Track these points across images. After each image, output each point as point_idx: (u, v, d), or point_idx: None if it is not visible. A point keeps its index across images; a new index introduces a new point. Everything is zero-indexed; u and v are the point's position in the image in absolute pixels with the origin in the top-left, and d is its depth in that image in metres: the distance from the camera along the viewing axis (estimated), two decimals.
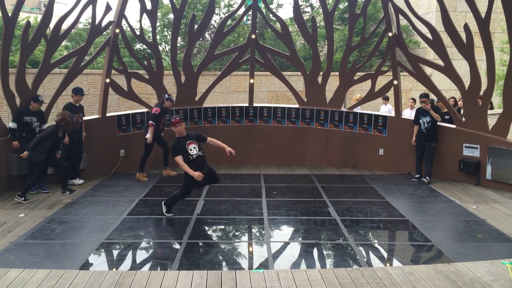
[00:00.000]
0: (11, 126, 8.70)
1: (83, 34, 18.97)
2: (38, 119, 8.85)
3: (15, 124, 8.65)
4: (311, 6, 23.70)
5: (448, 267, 5.42)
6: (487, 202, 8.44)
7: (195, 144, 7.21)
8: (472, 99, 9.90)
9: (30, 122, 8.75)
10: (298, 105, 11.80)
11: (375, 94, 11.52)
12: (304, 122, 11.67)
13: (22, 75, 9.02)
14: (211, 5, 11.48)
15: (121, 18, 10.44)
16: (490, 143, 9.43)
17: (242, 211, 7.98)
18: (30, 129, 8.73)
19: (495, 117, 10.43)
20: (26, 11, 25.84)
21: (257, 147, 11.83)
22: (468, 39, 9.70)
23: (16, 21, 8.90)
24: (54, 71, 10.88)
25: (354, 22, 11.54)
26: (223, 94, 16.66)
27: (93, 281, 4.99)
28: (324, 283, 5.00)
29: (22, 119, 8.68)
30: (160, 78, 11.16)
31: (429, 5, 19.01)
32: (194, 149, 7.16)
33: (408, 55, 10.99)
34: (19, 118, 8.67)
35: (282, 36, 11.91)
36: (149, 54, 14.87)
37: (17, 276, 5.07)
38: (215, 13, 20.97)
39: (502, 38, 16.39)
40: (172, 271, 5.35)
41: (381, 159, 11.08)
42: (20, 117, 8.68)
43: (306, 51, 19.56)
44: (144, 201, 8.40)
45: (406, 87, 17.93)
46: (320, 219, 7.70)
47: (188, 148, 7.13)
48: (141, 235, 6.84)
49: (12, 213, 7.48)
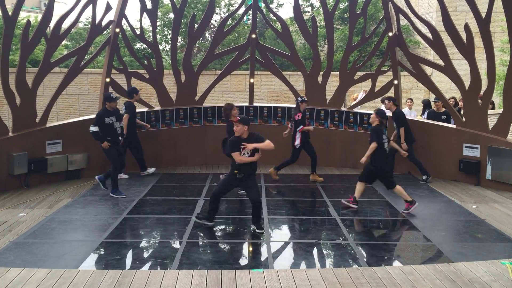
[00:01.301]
0: (93, 129, 8.39)
1: (83, 33, 18.95)
2: (117, 118, 8.59)
3: (96, 127, 8.38)
4: (311, 6, 23.70)
5: (448, 267, 5.42)
6: (487, 202, 8.44)
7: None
8: (472, 99, 9.89)
9: (111, 123, 8.47)
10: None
11: (375, 94, 11.52)
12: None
13: (22, 74, 9.03)
14: (211, 4, 11.48)
15: (121, 17, 10.44)
16: (490, 143, 9.42)
17: (242, 210, 7.98)
18: (113, 130, 8.48)
19: (495, 117, 10.42)
20: (26, 11, 25.80)
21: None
22: (468, 39, 9.69)
23: (16, 20, 8.90)
24: (54, 70, 10.88)
25: (354, 21, 11.54)
26: (223, 93, 16.64)
27: (93, 281, 4.99)
28: (324, 282, 5.00)
29: (104, 122, 8.38)
30: (160, 77, 11.17)
31: (430, 5, 19.00)
32: (246, 154, 6.72)
33: (409, 55, 10.99)
34: (100, 121, 8.38)
35: (282, 35, 11.91)
36: (149, 53, 14.86)
37: (17, 275, 5.07)
38: (216, 13, 20.96)
39: (502, 38, 16.38)
40: (172, 271, 5.35)
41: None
42: (101, 120, 8.38)
43: (306, 51, 19.56)
44: (144, 200, 8.40)
45: (406, 87, 17.92)
46: (320, 218, 7.70)
47: (242, 151, 6.69)
48: (141, 235, 6.84)
49: (12, 212, 7.48)
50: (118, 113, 8.68)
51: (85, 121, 10.08)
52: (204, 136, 11.46)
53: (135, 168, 10.13)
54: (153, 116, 11.04)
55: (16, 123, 9.08)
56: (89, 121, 10.25)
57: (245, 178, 6.81)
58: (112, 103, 8.52)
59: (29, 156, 9.05)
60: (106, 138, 8.39)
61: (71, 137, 9.81)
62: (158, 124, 11.11)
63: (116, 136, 8.53)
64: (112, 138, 8.46)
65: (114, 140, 8.48)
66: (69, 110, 14.15)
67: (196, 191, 9.06)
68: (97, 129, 8.40)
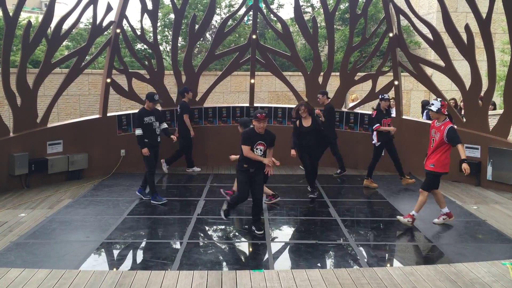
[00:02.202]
0: (138, 133, 8.06)
1: (84, 34, 18.95)
2: (156, 118, 8.20)
3: (140, 130, 8.04)
4: (312, 7, 23.69)
5: (449, 267, 5.42)
6: (487, 202, 8.43)
7: (263, 146, 6.69)
8: (473, 99, 9.89)
9: (150, 123, 8.10)
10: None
11: (375, 95, 11.51)
12: None
13: (23, 75, 9.04)
14: (212, 5, 11.49)
15: (122, 18, 10.44)
16: (491, 144, 9.42)
17: (242, 211, 7.98)
18: (152, 130, 8.12)
19: (496, 118, 10.42)
20: (27, 11, 25.86)
21: None
22: (469, 39, 9.69)
23: (17, 21, 8.92)
24: (55, 71, 10.87)
25: (355, 22, 11.55)
26: (224, 94, 16.64)
27: (93, 281, 4.99)
28: (324, 283, 5.00)
29: (143, 121, 8.06)
30: (161, 78, 11.17)
31: (430, 5, 19.00)
32: (260, 151, 6.68)
33: (409, 55, 10.99)
34: (140, 120, 8.07)
35: (282, 36, 11.91)
36: (150, 54, 14.86)
37: (17, 276, 5.08)
38: (216, 13, 20.96)
39: (503, 39, 16.38)
40: (172, 271, 5.35)
41: (381, 159, 11.05)
42: (141, 120, 8.06)
43: (306, 51, 19.55)
44: (144, 201, 8.39)
45: (406, 88, 17.91)
46: (320, 219, 7.70)
47: (255, 147, 6.65)
48: (142, 235, 6.84)
49: (13, 212, 7.49)
50: (158, 113, 8.32)
51: (85, 122, 10.09)
52: (204, 137, 11.46)
53: (139, 168, 10.11)
54: None
55: (17, 124, 9.09)
56: (90, 121, 10.31)
57: (257, 173, 6.73)
58: (151, 103, 8.16)
59: (30, 156, 9.06)
60: (145, 142, 8.05)
61: (71, 137, 9.82)
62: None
63: (154, 138, 8.14)
64: (150, 140, 8.10)
65: (152, 143, 8.12)
66: (69, 110, 14.14)
67: (197, 191, 9.06)
68: (141, 132, 8.03)
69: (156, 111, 8.38)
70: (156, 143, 8.22)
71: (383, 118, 9.31)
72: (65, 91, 10.04)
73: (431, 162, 7.00)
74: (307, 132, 8.45)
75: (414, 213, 7.09)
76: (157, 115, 8.27)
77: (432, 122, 7.13)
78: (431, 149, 7.05)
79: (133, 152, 10.59)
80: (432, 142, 7.04)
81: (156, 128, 8.19)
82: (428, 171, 7.05)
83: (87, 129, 10.09)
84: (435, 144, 6.96)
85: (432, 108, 7.00)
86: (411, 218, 7.07)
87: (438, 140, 6.89)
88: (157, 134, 8.21)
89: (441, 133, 6.86)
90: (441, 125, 6.93)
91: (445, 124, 6.89)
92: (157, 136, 8.21)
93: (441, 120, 6.97)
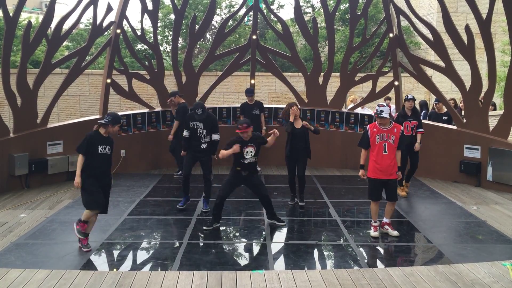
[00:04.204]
0: (186, 134, 7.86)
1: (84, 34, 18.96)
2: (204, 126, 7.74)
3: (187, 132, 7.82)
4: (312, 7, 23.68)
5: (449, 268, 5.41)
6: (488, 203, 8.43)
7: (253, 148, 6.82)
8: (473, 100, 9.89)
9: (196, 128, 7.75)
10: (299, 106, 11.76)
11: (376, 95, 11.52)
12: None
13: (23, 75, 9.04)
14: (212, 5, 11.48)
15: (122, 18, 10.45)
16: (491, 144, 9.42)
17: (242, 211, 7.98)
18: (196, 136, 7.76)
19: (496, 118, 10.42)
20: (27, 11, 25.83)
21: None
22: (469, 40, 9.69)
23: (18, 21, 8.93)
24: (55, 71, 10.88)
25: (355, 23, 11.54)
26: (224, 94, 16.65)
27: (93, 282, 4.99)
28: (324, 284, 5.00)
29: (189, 125, 7.79)
30: (161, 78, 11.17)
31: (430, 6, 19.00)
32: (250, 153, 6.80)
33: (409, 56, 10.99)
34: (187, 123, 7.83)
35: (283, 36, 11.91)
36: (150, 54, 14.85)
37: (17, 276, 5.08)
38: (216, 14, 20.96)
39: (503, 39, 16.37)
40: (172, 272, 5.35)
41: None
42: (187, 122, 7.82)
43: (307, 52, 19.55)
44: (144, 201, 8.40)
45: (407, 88, 17.91)
46: (320, 220, 7.69)
47: (244, 151, 6.78)
48: (142, 236, 6.84)
49: (13, 213, 7.49)
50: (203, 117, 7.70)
51: (86, 122, 10.08)
52: None
53: (136, 169, 10.12)
54: (154, 117, 11.05)
55: (17, 124, 9.09)
56: (90, 122, 10.29)
57: (250, 176, 7.01)
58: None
59: (30, 157, 9.06)
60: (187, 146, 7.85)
61: (72, 138, 9.78)
62: (159, 125, 11.12)
63: (197, 143, 7.75)
64: (193, 144, 7.78)
65: (195, 148, 7.79)
66: (70, 111, 14.15)
67: (197, 192, 9.05)
68: (188, 134, 7.82)
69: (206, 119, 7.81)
70: (199, 149, 7.84)
71: (405, 121, 8.81)
72: (65, 92, 10.04)
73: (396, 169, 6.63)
74: (298, 134, 8.30)
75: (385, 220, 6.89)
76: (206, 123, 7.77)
77: (375, 128, 6.61)
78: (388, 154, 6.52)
79: (133, 152, 10.61)
80: (384, 148, 6.53)
81: (201, 136, 7.79)
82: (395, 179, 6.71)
83: (87, 130, 9.95)
84: (392, 148, 6.54)
85: (385, 115, 6.51)
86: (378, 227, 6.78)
87: (396, 143, 6.54)
88: (202, 142, 7.81)
89: (396, 136, 6.56)
90: (392, 128, 6.57)
91: (397, 126, 6.61)
92: (201, 144, 7.81)
93: (387, 124, 6.60)
